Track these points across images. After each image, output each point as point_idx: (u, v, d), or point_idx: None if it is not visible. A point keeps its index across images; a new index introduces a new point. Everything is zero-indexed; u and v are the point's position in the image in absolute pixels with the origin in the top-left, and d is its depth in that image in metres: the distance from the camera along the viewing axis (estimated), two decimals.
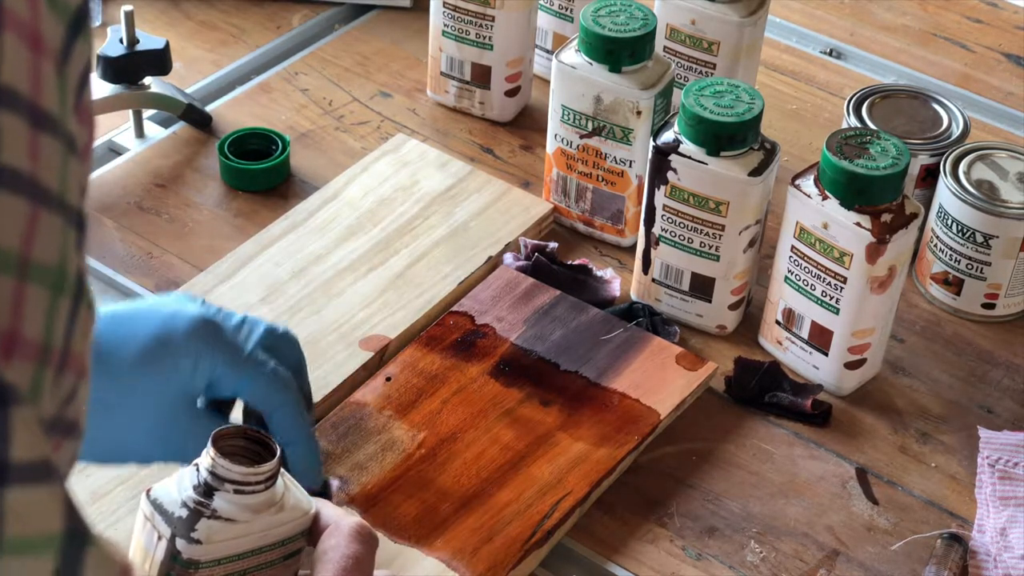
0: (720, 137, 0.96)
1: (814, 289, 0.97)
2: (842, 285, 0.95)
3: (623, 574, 0.89)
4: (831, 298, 0.96)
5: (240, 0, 1.36)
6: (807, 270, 0.97)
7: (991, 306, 1.06)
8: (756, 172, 0.97)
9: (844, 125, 1.10)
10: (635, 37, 1.03)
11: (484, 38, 1.18)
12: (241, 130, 1.17)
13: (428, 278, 1.05)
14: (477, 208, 1.11)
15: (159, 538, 0.64)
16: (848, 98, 1.11)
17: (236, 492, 0.64)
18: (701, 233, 1.00)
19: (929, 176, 1.07)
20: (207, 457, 0.65)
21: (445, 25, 1.19)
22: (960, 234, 1.04)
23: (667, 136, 0.99)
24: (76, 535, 0.39)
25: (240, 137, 1.16)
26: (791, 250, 0.98)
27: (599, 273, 1.07)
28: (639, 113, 1.04)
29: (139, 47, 1.14)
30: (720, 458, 0.96)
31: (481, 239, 1.08)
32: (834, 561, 0.90)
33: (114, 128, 1.20)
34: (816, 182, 0.95)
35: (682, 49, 1.15)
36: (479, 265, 1.06)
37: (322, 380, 0.96)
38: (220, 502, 0.64)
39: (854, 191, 0.93)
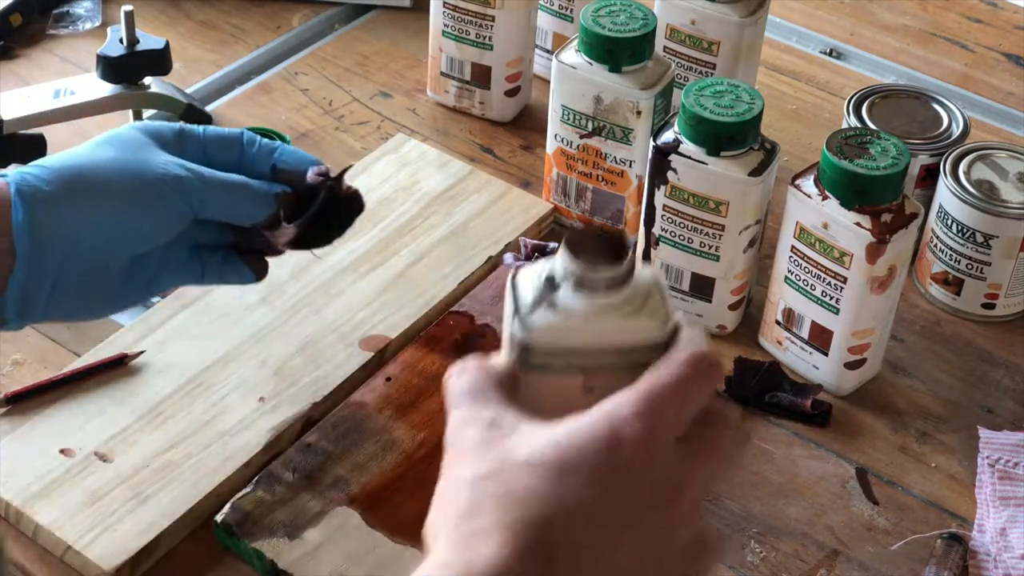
0: (720, 137, 0.96)
1: (814, 289, 0.97)
2: (842, 285, 0.95)
3: None
4: (831, 298, 0.96)
5: (240, 0, 1.36)
6: (807, 270, 0.97)
7: (991, 306, 1.06)
8: (756, 172, 0.97)
9: (844, 125, 1.10)
10: (635, 37, 1.03)
11: (484, 38, 1.18)
12: None
13: (428, 278, 1.05)
14: (477, 208, 1.11)
15: (510, 317, 0.66)
16: (848, 98, 1.11)
17: (576, 288, 0.64)
18: (701, 233, 1.00)
19: (929, 176, 1.07)
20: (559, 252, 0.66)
21: (445, 25, 1.19)
22: (960, 234, 1.04)
23: (667, 136, 0.99)
24: None
25: None
26: (791, 250, 0.98)
27: None
28: (639, 113, 1.04)
29: (139, 47, 1.14)
30: None
31: (481, 239, 1.08)
32: (834, 561, 0.90)
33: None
34: (816, 182, 0.95)
35: (682, 49, 1.15)
36: (479, 265, 1.06)
37: (322, 380, 0.96)
38: (563, 294, 0.65)
39: (854, 191, 0.93)
